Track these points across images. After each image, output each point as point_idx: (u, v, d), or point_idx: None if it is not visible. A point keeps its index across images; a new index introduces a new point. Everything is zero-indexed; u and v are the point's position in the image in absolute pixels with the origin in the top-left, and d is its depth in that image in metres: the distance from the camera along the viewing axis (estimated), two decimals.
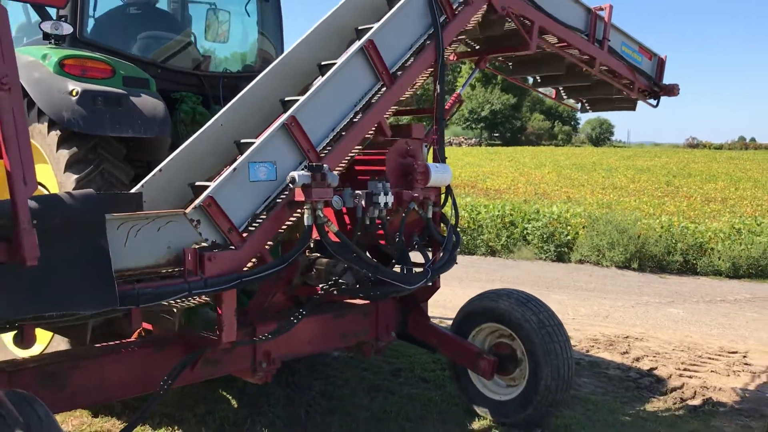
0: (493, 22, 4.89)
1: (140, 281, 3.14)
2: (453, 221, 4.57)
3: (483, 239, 13.31)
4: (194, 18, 5.93)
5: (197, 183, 3.82)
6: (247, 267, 3.49)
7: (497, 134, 76.42)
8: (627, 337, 7.24)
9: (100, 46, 4.76)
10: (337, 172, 3.83)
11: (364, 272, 3.92)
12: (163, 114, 4.31)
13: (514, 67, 6.18)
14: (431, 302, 4.92)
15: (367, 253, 4.16)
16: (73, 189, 3.95)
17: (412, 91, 4.48)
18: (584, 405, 5.14)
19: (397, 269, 4.27)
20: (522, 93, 75.97)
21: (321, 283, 3.99)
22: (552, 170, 32.19)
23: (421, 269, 4.25)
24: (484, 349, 4.73)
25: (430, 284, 4.47)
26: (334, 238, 3.78)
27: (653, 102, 6.53)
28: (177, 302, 3.21)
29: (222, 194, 3.46)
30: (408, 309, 4.84)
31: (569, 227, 12.96)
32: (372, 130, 4.15)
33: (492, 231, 13.37)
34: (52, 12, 4.61)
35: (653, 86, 6.39)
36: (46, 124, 4.16)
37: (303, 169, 3.62)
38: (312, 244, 4.17)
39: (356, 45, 4.17)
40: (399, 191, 4.21)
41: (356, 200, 3.95)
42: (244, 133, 4.10)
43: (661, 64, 6.38)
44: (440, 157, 4.62)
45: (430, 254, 4.48)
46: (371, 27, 4.30)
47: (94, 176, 4.11)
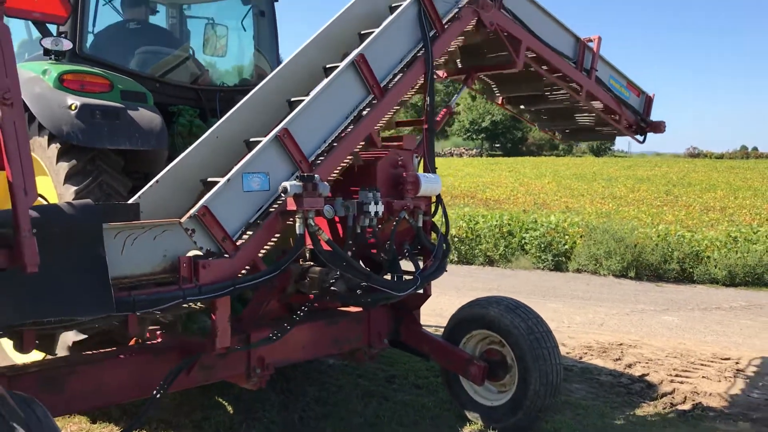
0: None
1: (137, 288, 3.25)
2: (443, 230, 4.68)
3: (481, 249, 13.39)
4: (192, 33, 6.07)
5: (209, 179, 3.93)
6: (241, 274, 3.60)
7: (498, 145, 76.41)
8: (621, 345, 7.31)
9: (99, 61, 4.88)
10: (330, 182, 3.95)
11: (356, 280, 4.03)
12: (160, 127, 4.43)
13: (499, 88, 6.31)
14: (428, 311, 5.02)
15: (361, 262, 4.27)
16: (73, 200, 4.06)
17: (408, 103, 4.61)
18: (574, 410, 5.22)
19: (388, 277, 4.38)
20: None
21: (314, 291, 4.09)
22: (552, 180, 32.23)
23: (411, 277, 4.36)
24: (475, 356, 4.83)
25: (421, 292, 4.61)
26: (327, 247, 3.89)
27: (640, 138, 6.68)
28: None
29: (216, 204, 3.57)
30: (400, 316, 4.94)
31: (567, 237, 13.05)
32: (363, 142, 4.27)
33: (490, 241, 13.45)
34: (53, 29, 4.73)
35: (640, 122, 6.54)
36: (47, 138, 4.28)
37: (295, 180, 3.74)
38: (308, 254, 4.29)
39: (348, 59, 4.30)
40: (390, 201, 4.33)
41: (347, 209, 4.07)
42: (240, 144, 4.21)
43: (649, 102, 6.56)
44: (430, 168, 4.74)
45: (421, 263, 4.59)
46: (373, 32, 4.44)
47: (93, 188, 4.23)
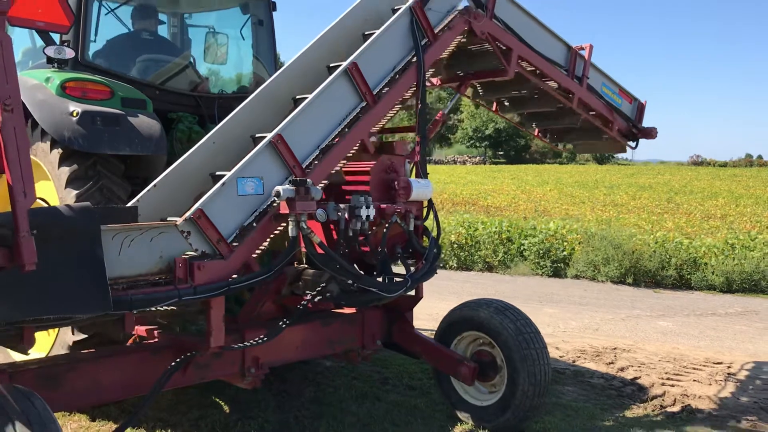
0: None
1: (133, 288, 3.37)
2: (434, 234, 4.80)
3: (480, 255, 13.47)
4: (193, 41, 6.22)
5: (217, 173, 4.05)
6: (235, 276, 3.73)
7: (501, 152, 76.57)
8: (615, 349, 7.39)
9: (101, 69, 5.03)
10: (321, 186, 4.07)
11: (348, 281, 4.14)
12: (159, 133, 4.57)
13: (491, 94, 6.41)
14: (426, 316, 5.11)
15: (355, 265, 4.39)
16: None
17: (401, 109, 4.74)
18: (564, 411, 5.31)
19: (380, 279, 4.49)
20: None
21: (308, 292, 4.21)
22: (554, 188, 32.29)
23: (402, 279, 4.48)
24: (466, 357, 4.93)
25: (413, 294, 4.73)
26: (320, 250, 4.01)
27: (632, 144, 6.81)
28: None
29: (211, 207, 3.70)
30: (393, 318, 5.06)
31: (565, 243, 13.13)
32: (355, 147, 4.39)
33: (489, 247, 13.54)
34: (56, 37, 4.87)
35: (632, 128, 6.67)
36: (49, 143, 4.42)
37: (288, 184, 3.86)
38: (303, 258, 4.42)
39: (341, 67, 4.42)
40: (382, 205, 4.45)
41: (339, 213, 4.19)
42: (236, 149, 4.34)
43: (641, 108, 6.69)
44: (422, 173, 4.86)
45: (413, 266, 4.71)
46: (374, 33, 4.59)
47: (94, 192, 4.37)
